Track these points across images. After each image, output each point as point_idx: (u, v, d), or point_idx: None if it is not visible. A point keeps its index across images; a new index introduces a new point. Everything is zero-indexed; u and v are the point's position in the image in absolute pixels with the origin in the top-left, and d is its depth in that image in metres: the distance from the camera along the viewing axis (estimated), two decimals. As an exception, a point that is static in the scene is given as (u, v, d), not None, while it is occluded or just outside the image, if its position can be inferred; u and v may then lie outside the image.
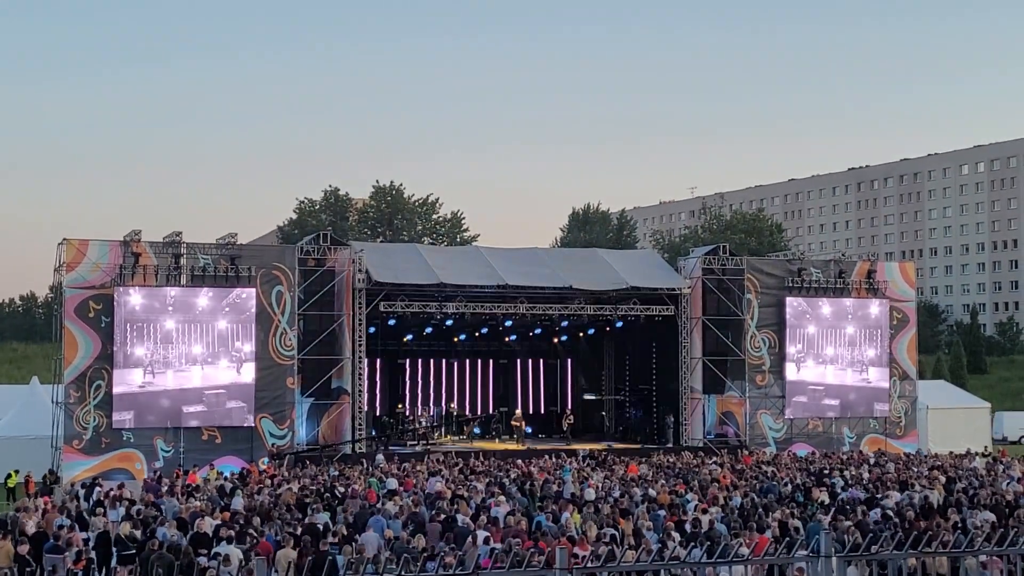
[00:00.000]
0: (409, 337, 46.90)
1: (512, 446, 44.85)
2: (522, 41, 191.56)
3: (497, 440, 46.93)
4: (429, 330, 46.44)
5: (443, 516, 23.62)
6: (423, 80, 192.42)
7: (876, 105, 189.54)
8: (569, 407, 51.29)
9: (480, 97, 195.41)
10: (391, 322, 44.42)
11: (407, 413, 48.37)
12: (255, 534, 21.54)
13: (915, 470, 34.86)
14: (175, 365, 39.20)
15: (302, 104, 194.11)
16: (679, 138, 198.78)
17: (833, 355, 47.13)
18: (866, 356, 47.46)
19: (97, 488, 30.59)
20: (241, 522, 22.70)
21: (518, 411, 49.14)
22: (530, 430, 49.02)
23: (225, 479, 32.64)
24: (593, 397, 52.79)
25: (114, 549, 21.21)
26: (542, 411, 52.59)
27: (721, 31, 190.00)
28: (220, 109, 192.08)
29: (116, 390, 38.27)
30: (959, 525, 22.77)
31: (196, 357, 39.43)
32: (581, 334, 50.10)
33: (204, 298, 39.55)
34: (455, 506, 25.10)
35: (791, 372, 46.60)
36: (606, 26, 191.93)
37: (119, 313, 38.29)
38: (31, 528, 22.28)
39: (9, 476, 34.75)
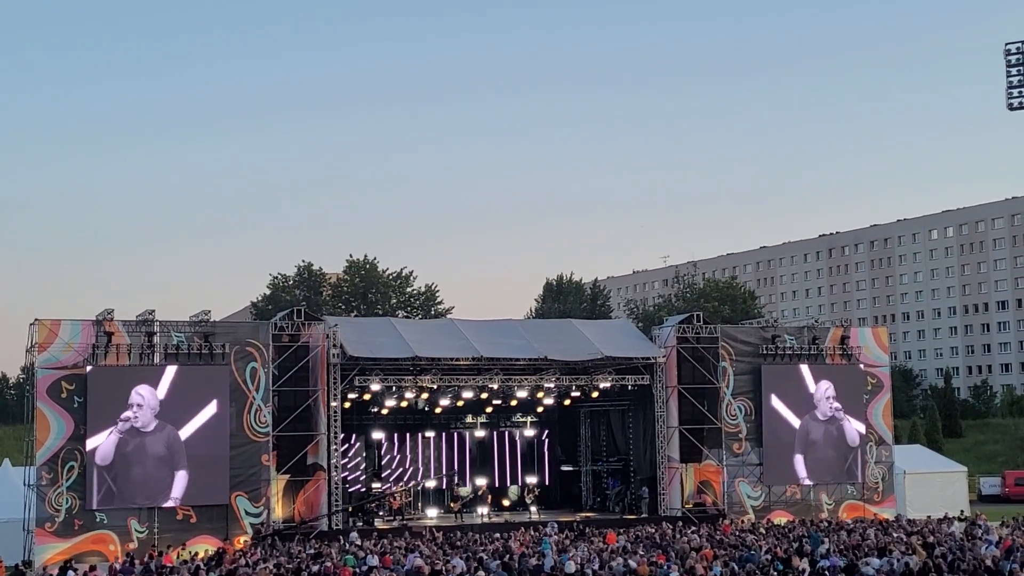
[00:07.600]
0: (384, 411, 46.65)
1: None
2: (493, 115, 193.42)
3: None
4: (404, 404, 46.27)
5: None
6: (395, 155, 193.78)
7: (845, 171, 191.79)
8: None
9: (452, 170, 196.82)
10: (366, 396, 44.27)
11: (383, 488, 48.04)
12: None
13: (894, 535, 34.84)
14: (148, 444, 38.87)
15: (274, 180, 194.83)
16: (651, 208, 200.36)
17: (809, 421, 47.17)
18: (842, 422, 47.53)
19: (71, 572, 30.18)
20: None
21: (528, 481, 49.38)
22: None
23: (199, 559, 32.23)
24: (570, 468, 52.61)
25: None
26: (519, 483, 52.30)
27: (690, 101, 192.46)
28: (191, 186, 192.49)
29: (89, 471, 37.89)
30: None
31: (170, 435, 39.11)
32: (557, 405, 50.00)
33: (178, 376, 39.33)
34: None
35: (768, 439, 46.56)
36: (577, 100, 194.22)
37: (92, 393, 38.04)
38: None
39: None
